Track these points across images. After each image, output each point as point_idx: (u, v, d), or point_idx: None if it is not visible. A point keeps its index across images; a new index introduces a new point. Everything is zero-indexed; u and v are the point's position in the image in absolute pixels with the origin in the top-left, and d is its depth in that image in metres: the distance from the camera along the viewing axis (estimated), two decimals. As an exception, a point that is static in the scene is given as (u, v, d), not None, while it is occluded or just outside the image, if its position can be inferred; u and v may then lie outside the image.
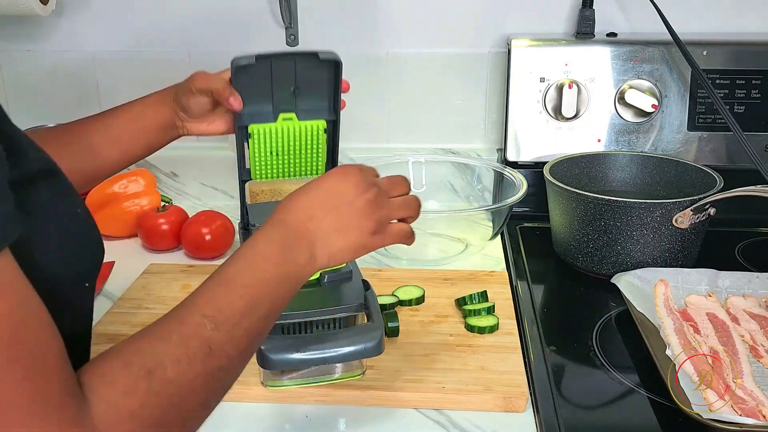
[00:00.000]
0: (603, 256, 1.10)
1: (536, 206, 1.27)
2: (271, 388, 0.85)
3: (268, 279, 0.64)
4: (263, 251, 0.65)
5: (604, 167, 1.25)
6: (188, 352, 0.56)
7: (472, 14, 1.38)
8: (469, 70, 1.41)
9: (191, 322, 0.58)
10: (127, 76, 1.45)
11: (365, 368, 0.87)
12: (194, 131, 0.95)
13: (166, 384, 0.54)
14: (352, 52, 1.42)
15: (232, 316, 0.60)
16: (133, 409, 0.52)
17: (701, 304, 0.99)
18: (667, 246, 1.07)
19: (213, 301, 0.60)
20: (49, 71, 1.45)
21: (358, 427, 0.83)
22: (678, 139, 1.30)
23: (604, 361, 0.92)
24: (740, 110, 1.27)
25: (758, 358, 0.90)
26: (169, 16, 1.41)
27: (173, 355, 0.56)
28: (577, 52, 1.29)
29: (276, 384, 0.85)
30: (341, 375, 0.86)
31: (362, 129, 1.45)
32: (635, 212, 1.05)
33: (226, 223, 1.21)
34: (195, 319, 0.58)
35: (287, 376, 0.86)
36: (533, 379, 0.88)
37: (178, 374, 0.55)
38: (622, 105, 1.29)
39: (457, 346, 0.94)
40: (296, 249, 0.66)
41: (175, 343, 0.57)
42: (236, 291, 0.61)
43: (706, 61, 1.26)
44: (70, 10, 1.41)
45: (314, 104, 0.94)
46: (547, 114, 1.31)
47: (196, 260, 1.19)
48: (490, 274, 1.12)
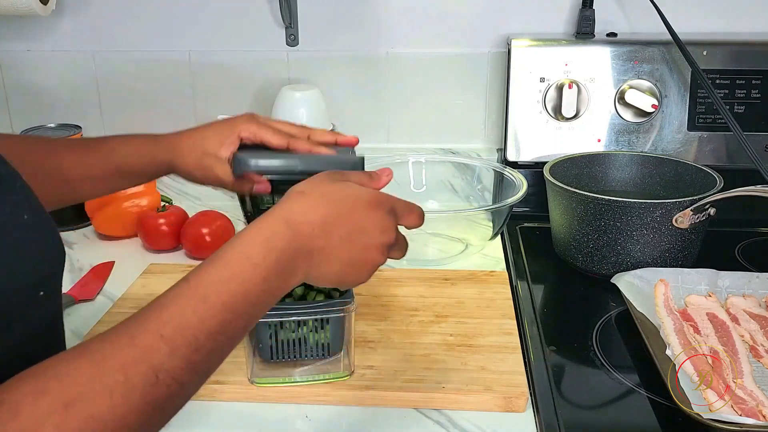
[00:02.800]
0: (603, 256, 1.10)
1: (536, 206, 1.26)
2: (259, 386, 0.86)
3: (251, 295, 0.56)
4: (257, 257, 0.57)
5: (604, 167, 1.25)
6: (127, 382, 0.47)
7: (472, 14, 1.38)
8: (469, 70, 1.41)
9: (142, 344, 0.49)
10: (127, 76, 1.45)
11: (353, 369, 0.88)
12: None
13: (87, 420, 0.45)
14: (352, 52, 1.42)
15: (196, 339, 0.51)
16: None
17: (701, 304, 0.99)
18: (667, 246, 1.07)
19: (178, 316, 0.51)
20: (49, 71, 1.45)
21: (357, 427, 0.83)
22: (678, 139, 1.30)
23: (604, 361, 0.92)
24: (740, 110, 1.27)
25: (758, 358, 0.90)
26: (169, 16, 1.42)
27: (105, 384, 0.46)
28: (577, 52, 1.29)
29: (263, 382, 0.86)
30: (328, 375, 0.87)
31: (362, 129, 1.45)
32: (635, 212, 1.05)
33: (226, 223, 1.21)
34: (148, 340, 0.49)
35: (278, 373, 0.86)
36: (533, 379, 0.88)
37: (106, 409, 0.45)
38: (622, 105, 1.29)
39: (457, 346, 0.93)
40: (295, 263, 0.60)
41: (111, 370, 0.47)
42: (211, 308, 0.53)
43: (706, 61, 1.26)
44: (70, 10, 1.41)
45: None
46: (547, 114, 1.31)
47: (196, 260, 1.19)
48: (490, 274, 1.12)
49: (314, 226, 0.61)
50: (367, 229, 0.64)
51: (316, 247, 0.61)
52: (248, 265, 0.56)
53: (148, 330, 0.50)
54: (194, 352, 0.51)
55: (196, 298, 0.53)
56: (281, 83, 1.37)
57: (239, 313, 0.55)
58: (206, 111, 1.46)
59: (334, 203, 0.63)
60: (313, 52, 1.42)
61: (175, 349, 0.50)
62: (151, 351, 0.49)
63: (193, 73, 1.45)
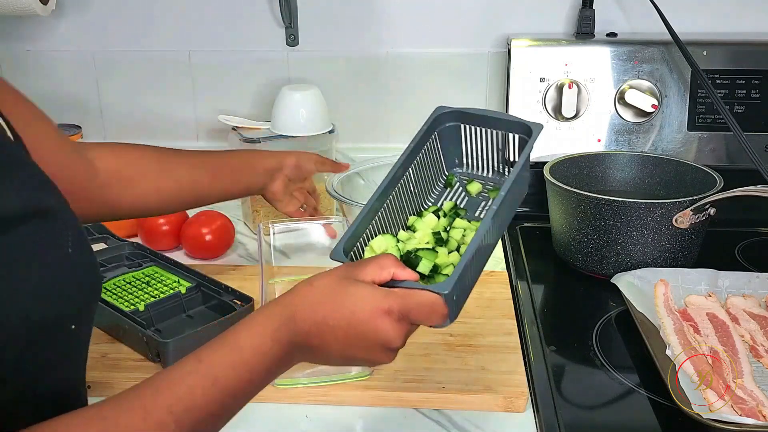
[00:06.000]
0: (603, 256, 1.10)
1: (536, 206, 1.26)
2: (280, 387, 0.85)
3: (254, 382, 0.59)
4: (264, 346, 0.59)
5: (604, 167, 1.25)
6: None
7: (472, 14, 1.38)
8: (469, 70, 1.41)
9: (154, 420, 0.52)
10: (127, 76, 1.45)
11: (373, 369, 0.88)
12: (275, 190, 1.06)
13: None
14: (352, 52, 1.42)
15: (198, 421, 0.54)
16: None
17: (701, 304, 0.99)
18: (667, 246, 1.07)
19: (189, 397, 0.54)
20: (49, 71, 1.45)
21: (358, 427, 0.83)
22: (678, 139, 1.30)
23: (604, 361, 0.92)
24: (740, 110, 1.27)
25: (758, 358, 0.90)
26: (169, 16, 1.41)
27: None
28: (577, 52, 1.29)
29: (285, 383, 0.85)
30: (349, 375, 0.86)
31: (362, 129, 1.45)
32: (635, 212, 1.05)
33: (226, 223, 1.21)
34: (160, 416, 0.52)
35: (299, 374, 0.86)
36: (533, 379, 0.88)
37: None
38: (622, 105, 1.29)
39: (458, 346, 0.93)
40: (294, 355, 0.62)
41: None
42: (218, 392, 0.56)
43: (706, 61, 1.26)
44: (70, 10, 1.41)
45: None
46: (547, 114, 1.31)
47: (196, 260, 1.19)
48: (490, 274, 1.12)
49: (312, 326, 0.61)
50: (368, 336, 0.62)
51: (314, 345, 0.62)
52: (257, 354, 0.59)
53: (160, 405, 0.53)
54: (198, 425, 0.54)
55: (207, 379, 0.56)
56: (281, 83, 1.37)
57: (240, 398, 0.58)
58: (206, 111, 1.46)
59: (336, 305, 0.62)
60: (313, 52, 1.42)
61: (181, 428, 0.53)
62: (161, 427, 0.52)
63: (193, 73, 1.45)
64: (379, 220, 0.76)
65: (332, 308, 0.61)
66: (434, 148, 0.84)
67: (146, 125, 1.48)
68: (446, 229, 0.78)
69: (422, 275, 0.69)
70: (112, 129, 1.49)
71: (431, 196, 0.85)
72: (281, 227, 1.05)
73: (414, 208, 0.82)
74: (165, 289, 1.02)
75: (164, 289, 1.02)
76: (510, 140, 0.82)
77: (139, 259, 1.12)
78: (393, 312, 0.62)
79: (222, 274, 1.09)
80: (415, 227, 0.79)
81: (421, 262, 0.69)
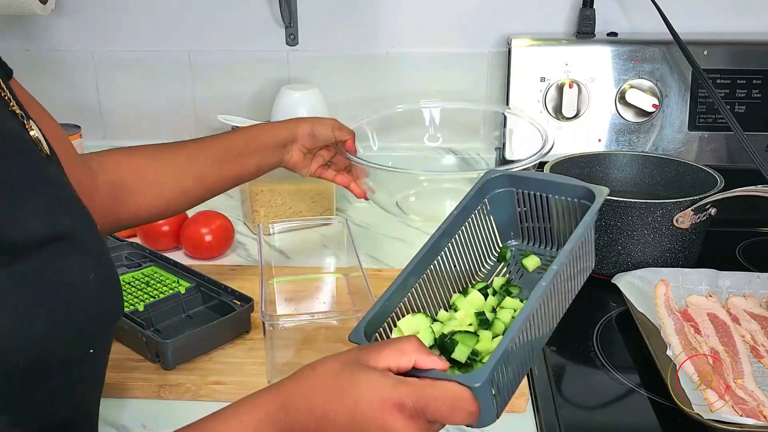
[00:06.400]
0: (603, 256, 1.09)
1: (536, 206, 1.26)
2: None
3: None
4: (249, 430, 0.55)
5: (605, 167, 1.24)
6: None
7: (473, 14, 1.38)
8: (469, 70, 1.41)
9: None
10: (127, 75, 1.45)
11: None
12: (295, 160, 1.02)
13: None
14: (352, 52, 1.42)
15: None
16: None
17: (702, 305, 0.99)
18: (668, 246, 1.07)
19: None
20: (49, 71, 1.45)
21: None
22: (678, 138, 1.30)
23: (605, 361, 0.92)
24: (741, 110, 1.27)
25: (759, 358, 0.89)
26: (169, 16, 1.41)
27: None
28: (578, 51, 1.29)
29: None
30: None
31: (362, 129, 1.45)
32: (635, 212, 1.05)
33: (226, 223, 1.21)
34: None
35: None
36: (533, 379, 0.88)
37: None
38: (622, 105, 1.29)
39: (457, 347, 0.93)
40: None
41: None
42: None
43: (707, 61, 1.25)
44: (70, 10, 1.41)
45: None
46: (547, 114, 1.30)
47: (196, 260, 1.19)
48: (490, 274, 1.12)
49: (310, 417, 0.54)
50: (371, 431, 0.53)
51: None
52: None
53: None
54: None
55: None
56: (281, 83, 1.37)
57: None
58: (206, 111, 1.46)
59: (336, 394, 0.54)
60: (313, 52, 1.42)
61: None
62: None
63: (193, 73, 1.44)
64: (412, 298, 0.66)
65: (330, 398, 0.53)
66: (484, 217, 0.76)
67: (146, 125, 1.48)
68: (494, 309, 0.69)
69: (458, 364, 0.59)
70: (112, 129, 1.49)
71: (481, 272, 0.76)
72: (281, 227, 1.05)
73: (459, 285, 0.73)
74: (164, 290, 1.02)
75: (164, 289, 1.02)
76: (570, 206, 0.74)
77: (139, 259, 1.12)
78: (405, 406, 0.52)
79: (221, 275, 1.09)
80: (456, 306, 0.69)
81: (457, 347, 0.59)
